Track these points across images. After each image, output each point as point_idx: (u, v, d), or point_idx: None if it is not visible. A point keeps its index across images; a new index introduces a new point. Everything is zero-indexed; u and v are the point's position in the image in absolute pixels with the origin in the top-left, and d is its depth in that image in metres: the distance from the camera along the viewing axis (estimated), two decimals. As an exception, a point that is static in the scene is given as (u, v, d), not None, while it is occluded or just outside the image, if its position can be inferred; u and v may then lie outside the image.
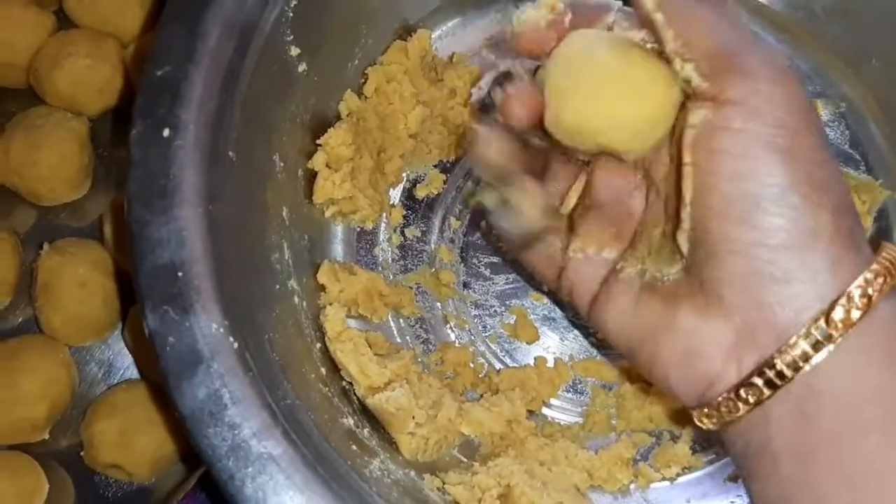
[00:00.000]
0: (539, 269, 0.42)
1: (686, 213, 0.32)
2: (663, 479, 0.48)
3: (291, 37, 0.44)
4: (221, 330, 0.35)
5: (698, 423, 0.32)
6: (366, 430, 0.43)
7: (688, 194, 0.31)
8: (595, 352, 0.51)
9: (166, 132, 0.38)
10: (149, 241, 0.36)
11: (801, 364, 0.28)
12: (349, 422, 0.42)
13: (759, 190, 0.29)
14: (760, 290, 0.29)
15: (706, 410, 0.31)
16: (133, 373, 0.51)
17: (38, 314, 0.50)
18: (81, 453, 0.48)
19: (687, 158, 0.31)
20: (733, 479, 0.48)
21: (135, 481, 0.48)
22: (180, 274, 0.36)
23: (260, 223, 0.42)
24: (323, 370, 0.43)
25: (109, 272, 0.49)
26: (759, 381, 0.29)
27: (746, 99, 0.29)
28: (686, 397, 0.33)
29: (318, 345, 0.45)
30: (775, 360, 0.29)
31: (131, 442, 0.46)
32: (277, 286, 0.42)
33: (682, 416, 0.49)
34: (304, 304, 0.45)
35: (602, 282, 0.37)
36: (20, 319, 0.52)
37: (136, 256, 0.36)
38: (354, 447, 0.40)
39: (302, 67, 0.45)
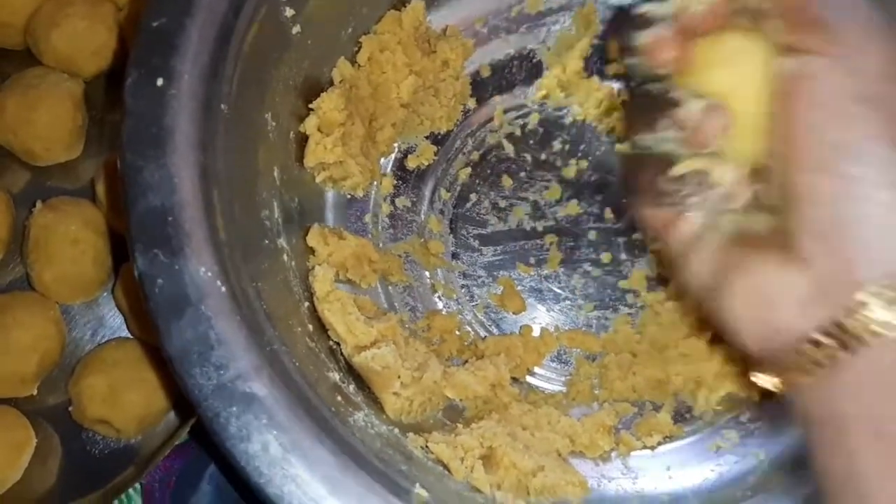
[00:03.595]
0: (652, 224, 0.41)
1: (773, 162, 0.31)
2: (644, 447, 0.49)
3: (286, -3, 0.44)
4: (210, 274, 0.36)
5: (759, 381, 0.31)
6: (351, 387, 0.43)
7: (774, 143, 0.31)
8: (580, 323, 0.52)
9: (160, 81, 0.38)
10: (140, 185, 0.37)
11: (878, 330, 0.27)
12: (335, 377, 0.42)
13: (843, 139, 0.28)
14: (841, 243, 0.28)
15: (772, 365, 0.30)
16: (122, 332, 0.51)
17: (30, 271, 0.50)
18: (70, 409, 0.48)
19: (774, 108, 0.31)
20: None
21: (122, 438, 0.48)
22: (170, 218, 0.36)
23: (251, 179, 0.43)
24: (310, 327, 0.44)
25: (101, 231, 0.50)
26: (828, 341, 0.28)
27: (828, 49, 0.29)
28: (753, 347, 0.32)
29: (306, 304, 0.45)
30: (846, 321, 0.28)
31: (120, 397, 0.46)
32: (266, 241, 0.43)
33: (664, 388, 0.50)
34: (294, 263, 0.45)
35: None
36: (10, 278, 0.52)
37: (128, 201, 0.37)
38: (339, 398, 0.40)
39: (296, 30, 0.46)
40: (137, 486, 0.49)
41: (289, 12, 0.45)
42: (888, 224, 0.28)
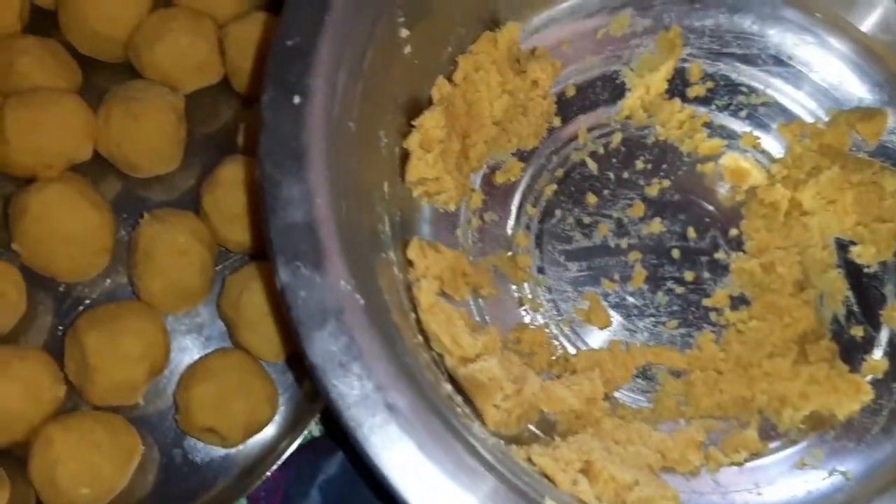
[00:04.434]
0: None
1: None
2: (732, 463, 0.50)
3: (403, 18, 0.46)
4: (349, 287, 0.37)
5: None
6: (459, 398, 0.44)
7: None
8: (664, 340, 0.53)
9: (296, 99, 0.39)
10: (280, 199, 0.38)
11: None
12: (447, 388, 0.43)
13: None
14: None
15: None
16: (223, 342, 0.52)
17: (137, 280, 0.51)
18: (175, 417, 0.49)
19: None
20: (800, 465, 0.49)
21: (225, 446, 0.49)
22: (311, 232, 0.37)
23: (369, 193, 0.44)
24: (420, 338, 0.45)
25: (207, 242, 0.51)
26: None
27: None
28: None
29: (412, 315, 0.46)
30: None
31: (228, 406, 0.47)
32: (383, 254, 0.44)
33: (749, 405, 0.51)
34: (401, 275, 0.46)
35: None
36: (112, 287, 0.53)
37: (267, 213, 0.38)
38: (459, 409, 0.41)
39: (407, 49, 0.47)
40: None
41: (404, 32, 0.46)
42: None
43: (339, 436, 0.39)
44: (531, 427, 0.49)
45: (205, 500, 0.48)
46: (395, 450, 0.35)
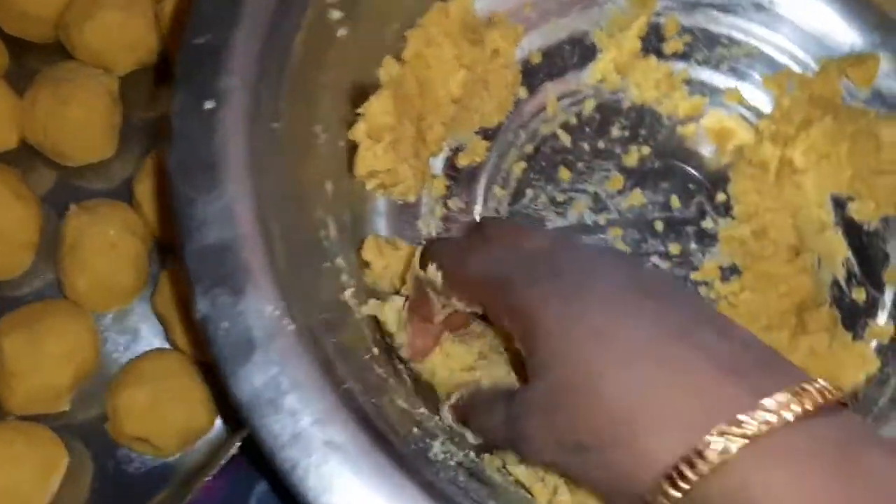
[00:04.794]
0: None
1: None
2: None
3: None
4: (277, 312, 0.34)
5: None
6: (422, 409, 0.41)
7: None
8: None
9: (209, 104, 0.36)
10: (194, 219, 0.34)
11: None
12: (405, 403, 0.40)
13: None
14: None
15: None
16: (160, 343, 0.48)
17: (62, 277, 0.47)
18: (106, 425, 0.46)
19: None
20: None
21: (160, 456, 0.46)
22: (230, 254, 0.34)
23: (306, 198, 0.40)
24: (375, 350, 0.41)
25: (140, 235, 0.47)
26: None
27: None
28: None
29: (366, 324, 0.43)
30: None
31: (161, 412, 0.44)
32: (326, 264, 0.41)
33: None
34: (353, 281, 0.43)
35: None
36: (39, 285, 0.49)
37: (182, 236, 0.34)
38: (416, 430, 0.38)
39: (342, 32, 0.43)
40: None
41: (336, 14, 0.42)
42: None
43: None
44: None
45: None
46: (335, 492, 0.31)
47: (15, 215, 0.47)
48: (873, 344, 0.49)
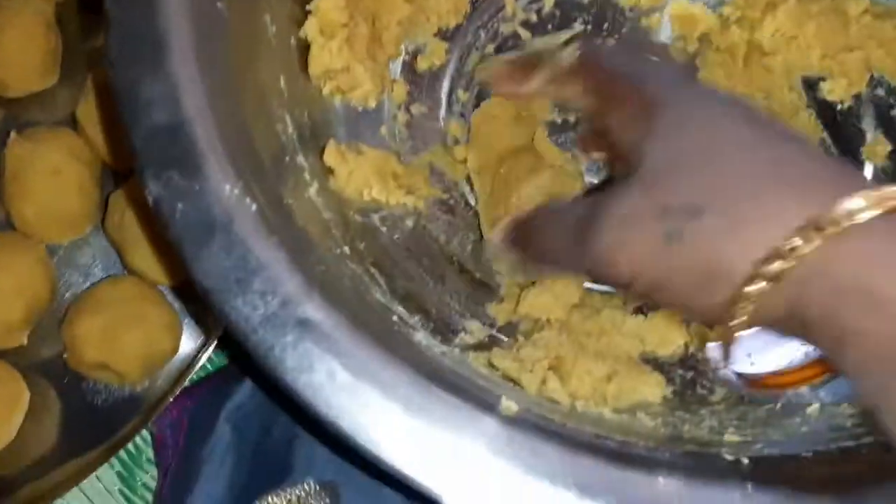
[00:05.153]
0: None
1: None
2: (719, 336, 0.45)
3: None
4: (237, 191, 0.31)
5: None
6: (400, 308, 0.39)
7: None
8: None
9: (146, -18, 0.33)
10: (140, 101, 0.32)
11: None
12: (382, 298, 0.38)
13: None
14: None
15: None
16: (118, 270, 0.46)
17: (9, 208, 0.45)
18: (65, 356, 0.44)
19: None
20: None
21: (125, 385, 0.44)
22: (182, 134, 0.31)
23: (259, 88, 0.38)
24: (346, 249, 0.39)
25: (86, 159, 0.45)
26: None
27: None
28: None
29: (335, 225, 0.40)
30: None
31: (119, 338, 0.42)
32: (287, 158, 0.38)
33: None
34: (316, 182, 0.41)
35: None
36: None
37: (128, 122, 0.32)
38: (395, 318, 0.36)
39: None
40: (147, 436, 0.45)
41: None
42: None
43: (246, 364, 0.33)
44: (494, 332, 0.44)
45: (110, 443, 0.43)
46: (315, 371, 0.29)
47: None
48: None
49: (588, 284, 0.47)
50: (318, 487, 0.42)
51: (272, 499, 0.42)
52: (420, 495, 0.30)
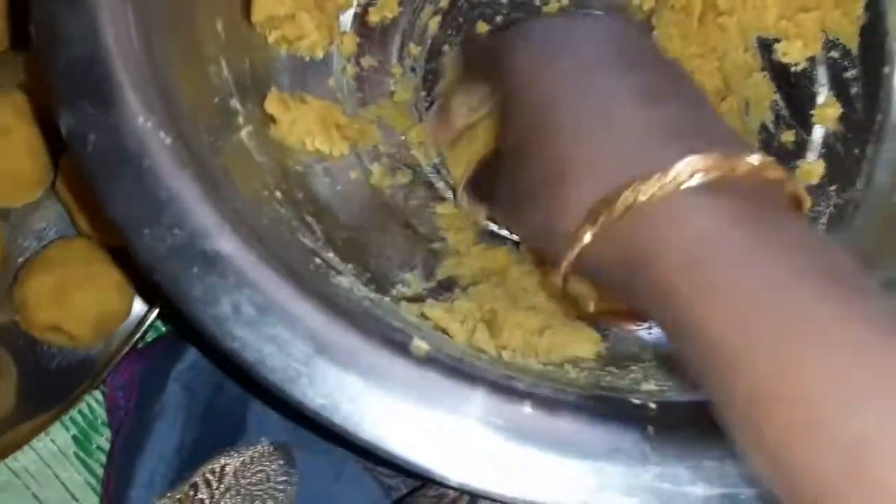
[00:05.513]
0: None
1: None
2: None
3: None
4: (150, 124, 0.31)
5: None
6: (331, 254, 0.39)
7: None
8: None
9: (66, -87, 0.33)
10: (58, 36, 0.32)
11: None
12: (311, 243, 0.38)
13: None
14: None
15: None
16: (71, 233, 0.46)
17: None
18: (16, 318, 0.44)
19: None
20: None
21: (79, 347, 0.44)
22: (98, 65, 0.31)
23: (190, 29, 0.38)
24: (278, 193, 0.39)
25: (34, 120, 0.44)
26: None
27: None
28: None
29: (268, 169, 0.40)
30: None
31: (70, 297, 0.42)
32: (217, 99, 0.38)
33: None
34: (251, 128, 0.40)
35: None
36: None
37: (46, 56, 0.31)
38: (319, 261, 0.36)
39: None
40: (99, 396, 0.45)
41: None
42: None
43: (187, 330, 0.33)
44: (431, 285, 0.44)
45: (64, 404, 0.44)
46: (220, 303, 0.29)
47: None
48: (804, 184, 0.47)
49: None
50: (271, 448, 0.42)
51: (225, 459, 0.42)
52: (375, 456, 0.30)
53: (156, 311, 0.43)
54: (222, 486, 0.40)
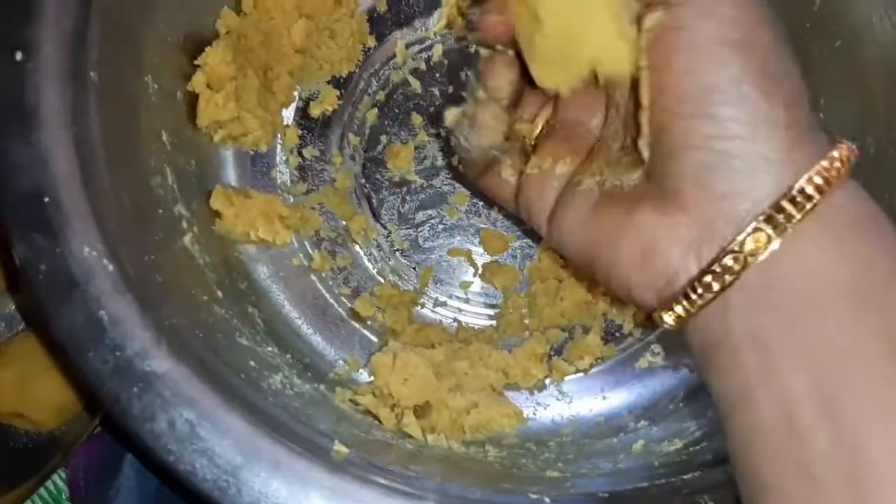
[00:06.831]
0: (497, 192, 0.43)
1: (645, 116, 0.32)
2: (577, 371, 0.48)
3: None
4: (94, 253, 0.34)
5: (661, 323, 0.31)
6: (269, 349, 0.42)
7: (645, 97, 0.31)
8: (505, 257, 0.51)
9: (19, 55, 0.36)
10: (10, 167, 0.35)
11: (758, 251, 0.28)
12: (247, 342, 0.41)
13: (711, 81, 0.29)
14: (718, 182, 0.29)
15: (668, 306, 0.31)
16: None
17: None
18: None
19: (643, 62, 0.31)
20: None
21: (43, 430, 0.47)
22: (46, 199, 0.34)
23: (134, 147, 0.41)
24: (219, 293, 0.42)
25: None
26: (717, 269, 0.29)
27: None
28: (646, 299, 0.32)
29: (211, 269, 0.44)
30: (732, 247, 0.29)
31: (31, 389, 0.45)
32: (161, 210, 0.41)
33: (592, 309, 0.50)
34: (195, 229, 0.44)
35: (558, 196, 0.37)
36: None
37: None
38: (253, 363, 0.39)
39: (168, -17, 0.44)
40: (63, 474, 0.47)
41: (157, -34, 0.42)
42: (762, 158, 0.29)
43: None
44: (363, 371, 0.48)
45: (31, 483, 0.46)
46: (157, 420, 0.33)
47: None
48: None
49: (462, 318, 0.50)
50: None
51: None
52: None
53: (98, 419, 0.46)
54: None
